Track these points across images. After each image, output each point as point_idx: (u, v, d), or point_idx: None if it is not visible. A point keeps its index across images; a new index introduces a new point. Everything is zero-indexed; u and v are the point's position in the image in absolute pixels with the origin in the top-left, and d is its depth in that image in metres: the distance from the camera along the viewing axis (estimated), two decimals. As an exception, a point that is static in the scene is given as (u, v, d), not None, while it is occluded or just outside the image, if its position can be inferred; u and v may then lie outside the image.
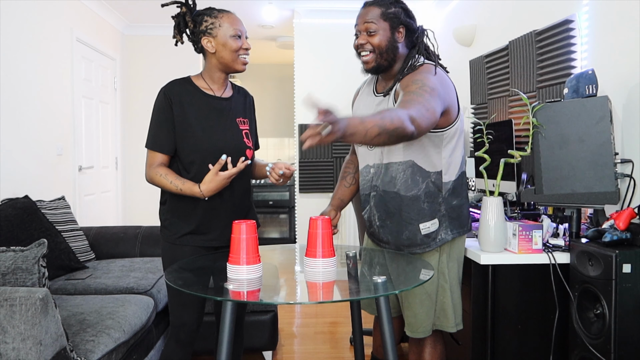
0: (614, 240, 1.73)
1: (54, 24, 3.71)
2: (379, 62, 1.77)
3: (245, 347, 2.78)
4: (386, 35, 1.75)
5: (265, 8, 4.73)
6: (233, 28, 1.80)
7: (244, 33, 1.84)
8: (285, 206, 6.46)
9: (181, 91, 1.85)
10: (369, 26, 1.75)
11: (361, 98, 1.99)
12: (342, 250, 1.88)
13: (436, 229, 1.81)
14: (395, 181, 1.79)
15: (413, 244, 1.82)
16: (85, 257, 3.17)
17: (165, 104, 1.82)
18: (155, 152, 1.84)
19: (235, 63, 1.84)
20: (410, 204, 1.78)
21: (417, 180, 1.77)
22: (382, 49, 1.75)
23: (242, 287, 1.48)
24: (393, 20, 1.75)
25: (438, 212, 1.81)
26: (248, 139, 1.95)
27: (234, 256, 1.49)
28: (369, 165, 1.88)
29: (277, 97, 7.27)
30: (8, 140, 3.06)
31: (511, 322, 2.03)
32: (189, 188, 1.77)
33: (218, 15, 1.81)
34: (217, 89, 1.90)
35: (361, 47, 1.79)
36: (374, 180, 1.85)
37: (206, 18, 1.82)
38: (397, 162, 1.78)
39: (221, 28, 1.80)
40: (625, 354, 1.68)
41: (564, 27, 2.46)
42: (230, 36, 1.80)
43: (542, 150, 1.99)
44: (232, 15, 1.83)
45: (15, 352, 1.53)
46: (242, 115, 1.97)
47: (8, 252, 1.72)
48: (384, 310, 1.43)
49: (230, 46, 1.81)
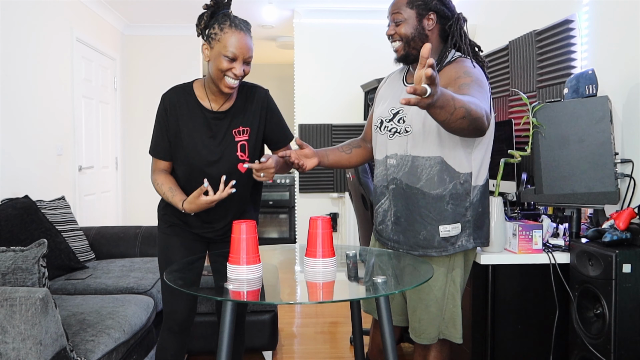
0: (614, 240, 1.73)
1: (54, 23, 3.71)
2: (407, 51, 1.72)
3: (245, 347, 2.78)
4: (413, 24, 1.69)
5: (265, 8, 4.73)
6: (229, 49, 1.68)
7: (243, 57, 1.71)
8: (285, 206, 6.46)
9: (179, 101, 1.82)
10: (395, 16, 1.71)
11: (389, 85, 1.89)
12: (342, 250, 1.88)
13: (457, 233, 1.71)
14: (420, 176, 1.69)
15: (429, 245, 1.72)
16: (85, 257, 3.17)
17: (162, 112, 1.83)
18: (154, 158, 1.88)
19: (219, 82, 1.73)
20: (433, 203, 1.69)
21: (444, 179, 1.67)
22: (409, 38, 1.70)
23: (242, 287, 1.48)
24: (420, 7, 1.69)
25: (463, 217, 1.71)
26: (243, 152, 1.85)
27: (234, 256, 1.49)
28: (388, 155, 1.77)
29: (277, 97, 7.19)
30: (8, 140, 3.06)
31: (511, 322, 2.03)
32: (176, 202, 1.79)
33: (225, 28, 1.70)
34: (214, 99, 1.82)
35: (390, 37, 1.74)
36: (395, 173, 1.74)
37: (214, 25, 1.73)
38: (425, 157, 1.68)
39: (219, 43, 1.70)
40: (625, 354, 1.68)
41: (564, 27, 2.46)
42: (222, 55, 1.69)
43: (542, 150, 1.99)
44: (237, 35, 1.69)
45: (15, 352, 1.53)
46: (242, 124, 1.86)
47: (8, 252, 1.72)
48: (384, 310, 1.43)
49: (219, 64, 1.70)
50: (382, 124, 1.80)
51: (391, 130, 1.76)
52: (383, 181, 1.81)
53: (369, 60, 4.76)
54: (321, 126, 4.87)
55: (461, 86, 1.56)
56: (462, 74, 1.60)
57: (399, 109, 1.75)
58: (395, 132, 1.74)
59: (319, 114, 4.89)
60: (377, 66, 4.52)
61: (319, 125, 4.87)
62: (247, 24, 1.76)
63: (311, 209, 4.92)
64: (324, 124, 4.87)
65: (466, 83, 1.57)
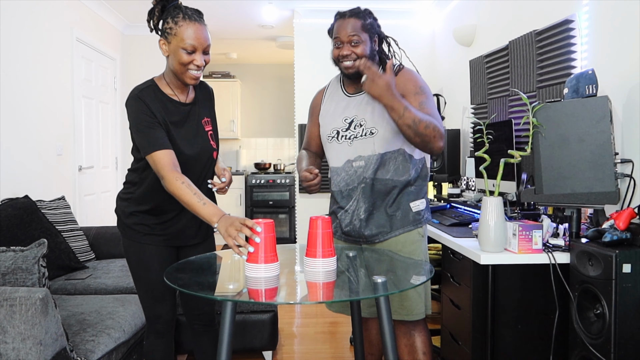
0: (614, 240, 1.73)
1: (54, 23, 3.71)
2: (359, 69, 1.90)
3: (245, 347, 2.78)
4: (368, 45, 1.90)
5: (265, 8, 4.73)
6: (187, 42, 1.68)
7: (201, 48, 1.72)
8: (285, 206, 6.46)
9: (151, 98, 1.77)
10: (352, 38, 1.87)
11: (330, 101, 2.06)
12: (342, 250, 1.88)
13: (424, 207, 2.00)
14: (389, 168, 1.92)
15: (406, 223, 1.95)
16: (85, 257, 3.18)
17: (145, 108, 1.74)
18: (159, 153, 1.69)
19: (183, 75, 1.75)
20: (402, 187, 1.94)
21: (407, 166, 1.94)
22: (365, 57, 1.89)
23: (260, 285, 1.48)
24: (370, 30, 1.91)
25: (424, 193, 2.02)
26: (213, 141, 1.93)
27: (253, 255, 1.50)
28: (352, 159, 1.95)
29: (277, 97, 7.27)
30: (8, 140, 3.06)
31: (511, 322, 2.03)
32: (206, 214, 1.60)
33: (179, 22, 1.69)
34: (180, 93, 1.85)
35: (345, 57, 1.90)
36: (365, 173, 1.92)
37: (168, 20, 1.71)
38: (391, 151, 1.92)
39: (176, 37, 1.69)
40: (625, 354, 1.68)
41: (564, 27, 2.46)
42: (180, 48, 1.69)
43: (542, 150, 1.99)
44: (193, 27, 1.69)
45: (15, 352, 1.53)
46: (206, 114, 1.93)
47: (8, 252, 1.72)
48: (384, 310, 1.43)
49: (179, 58, 1.70)
50: (339, 134, 1.98)
51: (350, 138, 1.95)
52: (350, 183, 1.96)
53: (369, 60, 4.75)
54: (321, 126, 4.86)
55: (421, 104, 1.86)
56: (419, 90, 1.89)
57: (352, 118, 1.96)
58: (353, 137, 1.94)
59: (319, 114, 4.89)
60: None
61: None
62: (199, 14, 1.74)
63: (311, 209, 4.92)
64: (324, 124, 4.87)
65: (424, 102, 1.87)
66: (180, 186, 1.64)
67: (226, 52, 6.56)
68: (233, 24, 5.27)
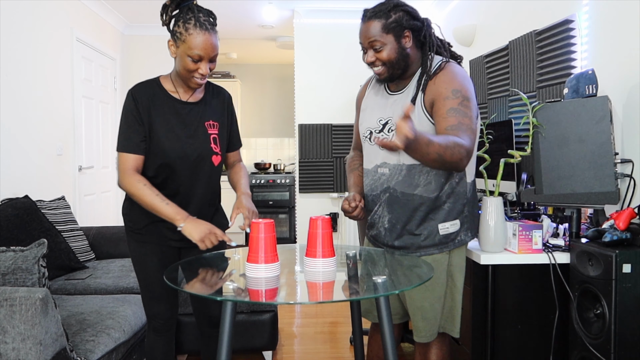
0: (614, 240, 1.73)
1: (54, 23, 3.71)
2: (392, 73, 1.74)
3: (245, 347, 2.78)
4: (393, 47, 1.69)
5: (265, 8, 4.73)
6: (194, 51, 1.69)
7: (208, 57, 1.72)
8: (285, 206, 6.46)
9: (148, 94, 1.79)
10: (373, 44, 1.70)
11: (371, 96, 1.90)
12: (342, 250, 1.88)
13: (456, 230, 1.77)
14: (417, 183, 1.73)
15: (431, 244, 1.76)
16: (85, 257, 3.18)
17: (133, 106, 1.77)
18: (127, 155, 1.77)
19: (187, 80, 1.77)
20: (431, 205, 1.74)
21: (441, 182, 1.73)
22: (392, 62, 1.71)
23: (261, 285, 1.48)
24: (396, 29, 1.69)
25: (461, 214, 1.77)
26: (216, 144, 1.88)
27: (253, 255, 1.50)
28: (379, 165, 1.81)
29: (277, 97, 7.27)
30: (8, 140, 3.06)
31: (511, 322, 2.03)
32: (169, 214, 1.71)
33: (190, 29, 1.68)
34: (184, 91, 1.84)
35: (372, 64, 1.74)
36: (388, 181, 1.77)
37: (180, 24, 1.71)
38: (420, 164, 1.71)
39: (184, 43, 1.69)
40: (625, 354, 1.68)
41: (564, 27, 2.46)
42: (187, 55, 1.70)
43: (542, 150, 1.99)
44: (202, 36, 1.69)
45: (15, 352, 1.53)
46: (213, 118, 1.89)
47: (8, 252, 1.72)
48: (384, 310, 1.43)
49: (185, 64, 1.72)
50: (372, 135, 1.84)
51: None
52: (374, 190, 1.83)
53: (369, 60, 4.75)
54: (321, 126, 4.87)
55: (448, 112, 1.62)
56: (451, 94, 1.64)
57: (387, 120, 1.79)
58: None
59: (319, 114, 4.89)
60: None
61: (319, 125, 4.87)
62: (211, 22, 1.73)
63: (311, 209, 4.92)
64: (324, 123, 4.87)
65: (454, 108, 1.62)
66: (142, 187, 1.72)
67: (226, 52, 6.56)
68: (233, 24, 5.27)
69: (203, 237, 1.70)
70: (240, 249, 1.90)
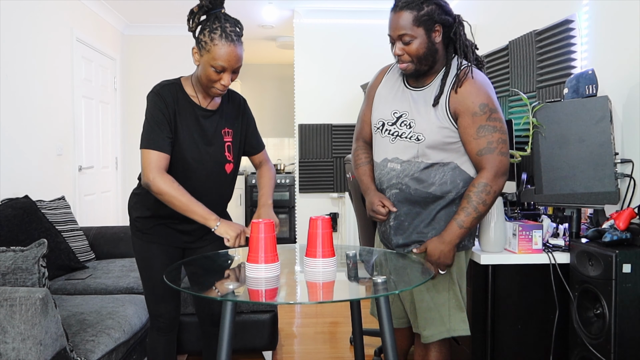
0: (614, 240, 1.73)
1: (54, 24, 3.71)
2: (418, 68, 1.68)
3: (245, 347, 2.78)
4: (423, 41, 1.63)
5: (265, 8, 4.73)
6: (218, 62, 1.66)
7: (231, 69, 1.70)
8: (285, 206, 6.46)
9: (173, 96, 1.77)
10: (403, 37, 1.64)
11: (387, 86, 1.83)
12: (342, 250, 1.88)
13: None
14: (433, 181, 1.70)
15: None
16: (85, 257, 3.17)
17: (163, 105, 1.74)
18: (156, 153, 1.71)
19: (207, 89, 1.75)
20: (444, 205, 1.72)
21: (457, 183, 1.71)
22: (420, 56, 1.65)
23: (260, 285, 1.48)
24: (427, 22, 1.62)
25: None
26: (229, 152, 1.88)
27: (253, 255, 1.50)
28: (389, 159, 1.76)
29: (277, 97, 7.27)
30: (8, 140, 3.06)
31: (511, 322, 2.03)
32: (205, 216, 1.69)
33: (215, 39, 1.66)
34: (203, 97, 1.82)
35: (399, 57, 1.68)
36: (399, 177, 1.73)
37: (205, 32, 1.69)
38: (439, 163, 1.70)
39: (208, 53, 1.67)
40: (625, 354, 1.68)
41: (564, 27, 2.46)
42: (210, 65, 1.68)
43: (542, 150, 1.99)
44: (227, 48, 1.66)
45: (15, 352, 1.53)
46: (228, 125, 1.88)
47: (8, 252, 1.72)
48: (384, 310, 1.43)
49: (208, 73, 1.70)
50: (384, 127, 1.78)
51: (393, 134, 1.75)
52: (381, 184, 1.79)
53: (369, 60, 4.75)
54: (321, 126, 4.87)
55: (478, 132, 1.64)
56: (479, 109, 1.63)
57: (402, 113, 1.74)
58: (397, 135, 1.73)
59: (319, 114, 4.89)
60: (377, 66, 4.50)
61: (319, 125, 4.87)
62: (237, 33, 1.70)
63: (311, 209, 4.92)
64: (324, 124, 4.87)
65: (482, 126, 1.64)
66: (177, 187, 1.69)
67: (226, 52, 6.56)
68: (233, 24, 5.27)
69: (239, 233, 1.70)
70: (240, 249, 1.90)
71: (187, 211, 1.69)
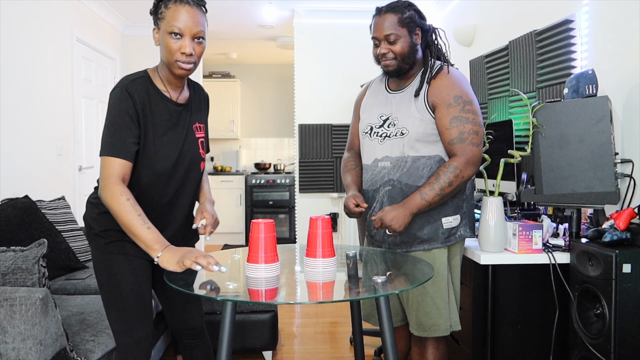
0: (614, 240, 1.73)
1: (54, 23, 3.71)
2: (401, 67, 1.81)
3: (245, 347, 2.78)
4: (407, 40, 1.78)
5: (265, 8, 4.73)
6: (172, 24, 1.51)
7: (190, 33, 1.53)
8: (285, 206, 6.46)
9: (142, 91, 1.60)
10: (388, 37, 1.77)
11: (371, 96, 1.98)
12: (342, 250, 1.88)
13: (457, 224, 1.84)
14: (422, 174, 1.79)
15: (434, 239, 1.82)
16: (85, 257, 3.17)
17: (130, 104, 1.55)
18: (115, 160, 1.51)
19: (172, 66, 1.56)
20: None
21: None
22: (404, 55, 1.79)
23: (260, 285, 1.48)
24: (410, 25, 1.78)
25: (460, 209, 1.85)
26: (203, 149, 1.74)
27: (253, 255, 1.50)
28: (379, 159, 1.86)
29: (277, 97, 7.27)
30: (8, 140, 3.06)
31: (511, 322, 2.03)
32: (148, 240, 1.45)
33: (170, 4, 1.53)
34: (172, 89, 1.66)
35: (383, 56, 1.80)
36: (390, 174, 1.82)
37: (161, 5, 1.55)
38: (426, 156, 1.79)
39: (164, 20, 1.53)
40: (625, 354, 1.68)
41: (564, 27, 2.46)
42: (167, 32, 1.52)
43: (542, 150, 1.99)
44: (182, 9, 1.52)
45: (15, 352, 1.53)
46: (198, 120, 1.74)
47: (8, 252, 1.72)
48: (384, 310, 1.43)
49: (167, 44, 1.53)
50: (372, 130, 1.89)
51: (381, 135, 1.86)
52: (374, 184, 1.87)
53: (369, 60, 4.71)
54: (321, 126, 4.87)
55: (451, 123, 1.73)
56: (453, 101, 1.74)
57: (387, 116, 1.86)
58: (385, 136, 1.84)
59: (319, 114, 4.89)
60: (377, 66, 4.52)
61: (319, 125, 4.87)
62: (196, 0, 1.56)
63: (311, 209, 4.92)
64: (324, 124, 4.87)
65: (455, 117, 1.73)
66: (125, 202, 1.47)
67: (226, 52, 6.56)
68: (233, 24, 5.27)
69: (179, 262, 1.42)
70: (240, 249, 1.90)
71: (132, 232, 1.47)
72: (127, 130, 1.54)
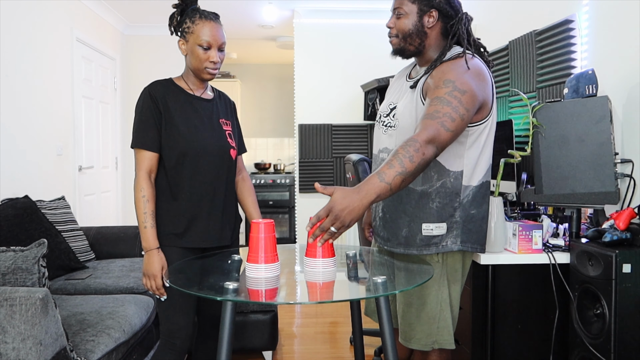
0: (614, 240, 1.73)
1: (54, 24, 3.71)
2: (403, 46, 1.69)
3: (245, 347, 2.78)
4: (412, 19, 1.64)
5: (265, 8, 4.73)
6: (202, 38, 1.78)
7: (217, 45, 1.81)
8: (285, 206, 6.46)
9: (165, 91, 1.85)
10: (398, 10, 1.66)
11: (394, 82, 1.87)
12: (342, 250, 1.88)
13: (441, 233, 1.63)
14: None
15: (410, 243, 1.65)
16: (85, 257, 3.17)
17: (151, 102, 1.82)
18: (143, 151, 1.80)
19: (201, 72, 1.83)
20: (417, 200, 1.62)
21: (431, 175, 1.61)
22: (405, 33, 1.66)
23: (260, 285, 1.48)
24: (422, 3, 1.63)
25: (450, 218, 1.63)
26: (231, 139, 1.94)
27: (253, 255, 1.50)
28: (381, 150, 1.76)
29: (277, 97, 7.27)
30: (8, 140, 3.06)
31: (511, 322, 2.03)
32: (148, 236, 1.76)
33: (196, 20, 1.80)
34: (197, 89, 1.90)
35: (389, 29, 1.70)
36: None
37: (186, 20, 1.82)
38: None
39: (192, 34, 1.79)
40: (625, 354, 1.68)
41: (564, 27, 2.46)
42: (197, 45, 1.79)
43: (542, 150, 1.99)
44: (209, 25, 1.80)
45: (15, 352, 1.53)
46: (224, 117, 1.95)
47: (8, 252, 1.72)
48: (384, 310, 1.43)
49: (197, 55, 1.80)
50: (380, 118, 1.79)
51: (386, 125, 1.74)
52: None
53: (369, 60, 4.76)
54: (321, 126, 4.87)
55: (431, 102, 1.51)
56: (442, 84, 1.52)
57: (395, 105, 1.73)
58: (389, 126, 1.72)
59: (319, 114, 4.89)
60: (377, 66, 4.52)
61: (319, 125, 4.87)
62: (216, 15, 1.84)
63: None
64: (324, 124, 4.87)
65: (438, 97, 1.50)
66: (140, 198, 1.78)
67: (226, 52, 6.56)
68: (233, 24, 5.27)
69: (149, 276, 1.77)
70: (240, 249, 1.90)
71: (139, 223, 1.79)
72: (149, 123, 1.81)
